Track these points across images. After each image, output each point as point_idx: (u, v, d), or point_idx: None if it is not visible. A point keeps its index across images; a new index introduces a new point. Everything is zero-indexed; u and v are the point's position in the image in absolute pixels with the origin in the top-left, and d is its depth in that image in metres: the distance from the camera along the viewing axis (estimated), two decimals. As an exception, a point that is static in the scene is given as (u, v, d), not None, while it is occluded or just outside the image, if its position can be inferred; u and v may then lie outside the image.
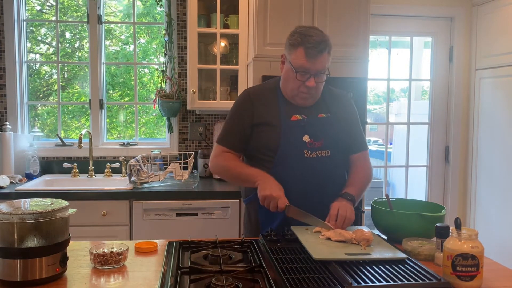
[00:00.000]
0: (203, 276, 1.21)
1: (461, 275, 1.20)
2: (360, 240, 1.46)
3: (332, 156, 1.73)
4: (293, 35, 1.71)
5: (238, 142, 1.79)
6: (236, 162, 1.78)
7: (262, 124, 1.75)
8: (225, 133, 1.82)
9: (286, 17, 2.61)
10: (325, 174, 1.72)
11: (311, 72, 1.67)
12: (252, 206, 1.82)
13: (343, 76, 2.69)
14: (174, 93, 3.16)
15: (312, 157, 1.70)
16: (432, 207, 1.73)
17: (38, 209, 1.21)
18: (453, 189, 3.51)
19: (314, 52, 1.64)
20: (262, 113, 1.75)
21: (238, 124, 1.79)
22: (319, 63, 1.66)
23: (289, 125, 1.72)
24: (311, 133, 1.72)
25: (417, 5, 3.38)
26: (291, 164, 1.70)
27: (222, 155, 1.80)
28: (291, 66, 1.69)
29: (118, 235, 2.59)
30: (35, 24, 3.42)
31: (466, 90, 3.46)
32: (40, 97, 3.49)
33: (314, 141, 1.72)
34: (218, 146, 1.83)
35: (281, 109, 1.75)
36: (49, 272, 1.22)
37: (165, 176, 2.85)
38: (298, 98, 1.74)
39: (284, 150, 1.70)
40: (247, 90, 1.86)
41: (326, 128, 1.75)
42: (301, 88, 1.70)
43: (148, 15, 3.48)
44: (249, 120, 1.76)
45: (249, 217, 1.87)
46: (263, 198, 1.60)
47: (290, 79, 1.72)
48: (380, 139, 7.02)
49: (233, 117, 1.82)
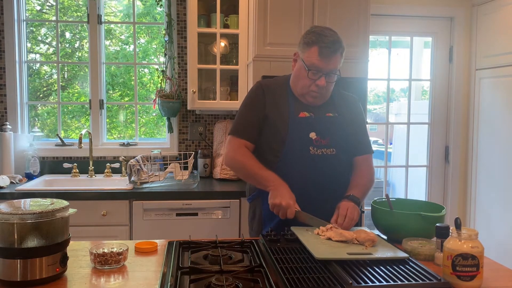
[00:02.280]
0: (203, 276, 1.21)
1: (461, 275, 1.20)
2: (365, 241, 1.46)
3: (337, 154, 1.75)
4: (308, 34, 1.72)
5: (255, 133, 1.78)
6: (253, 161, 1.74)
7: (271, 118, 1.76)
8: (240, 124, 1.81)
9: (286, 17, 2.61)
10: (329, 171, 1.73)
11: (323, 72, 1.68)
12: (257, 203, 1.83)
13: (343, 76, 2.67)
14: (174, 93, 3.16)
15: (318, 154, 1.72)
16: (432, 207, 1.73)
17: (38, 209, 1.21)
18: (453, 189, 3.51)
19: (328, 51, 1.66)
20: (273, 105, 1.77)
21: (254, 115, 1.78)
22: (332, 63, 1.68)
23: (296, 121, 1.73)
24: (318, 130, 1.74)
25: (417, 5, 3.38)
26: (296, 159, 1.71)
27: (240, 150, 1.77)
28: (303, 64, 1.70)
29: (118, 235, 2.59)
30: (35, 24, 3.42)
31: (466, 90, 3.46)
32: (40, 97, 3.49)
33: (321, 139, 1.74)
34: (234, 139, 1.80)
35: (290, 105, 1.77)
36: (49, 272, 1.22)
37: (165, 176, 2.85)
38: (308, 96, 1.75)
39: (290, 145, 1.71)
40: (259, 82, 1.87)
41: (333, 127, 1.77)
42: (312, 87, 1.72)
43: (148, 15, 3.48)
44: (263, 110, 1.77)
45: (254, 214, 1.87)
46: (272, 205, 1.61)
47: (301, 77, 1.73)
48: (380, 139, 7.01)
49: (248, 107, 1.81)
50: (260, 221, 1.82)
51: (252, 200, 1.88)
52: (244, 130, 1.79)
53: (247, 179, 1.86)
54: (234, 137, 1.80)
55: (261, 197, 1.79)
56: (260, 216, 1.82)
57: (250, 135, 1.78)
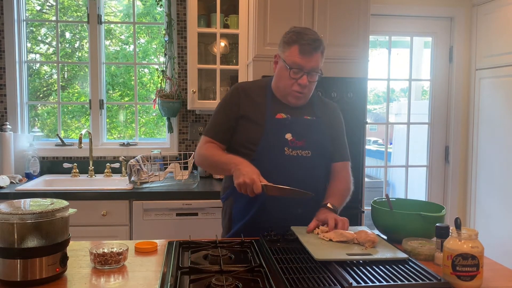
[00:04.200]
0: (203, 276, 1.21)
1: (461, 275, 1.20)
2: (365, 242, 1.46)
3: (312, 157, 1.74)
4: (288, 34, 1.73)
5: (223, 133, 1.80)
6: (215, 151, 1.76)
7: (247, 118, 1.76)
8: (210, 124, 1.84)
9: (286, 17, 2.61)
10: (304, 173, 1.72)
11: (305, 70, 1.68)
12: (228, 203, 1.83)
13: (343, 76, 2.69)
14: (174, 93, 3.16)
15: (293, 155, 1.71)
16: (432, 207, 1.72)
17: (38, 209, 1.21)
18: (453, 189, 3.51)
19: (309, 49, 1.66)
20: (249, 107, 1.77)
21: (224, 115, 1.80)
22: (313, 61, 1.68)
23: (273, 122, 1.73)
24: (294, 132, 1.73)
25: (417, 5, 3.38)
26: (270, 159, 1.70)
27: (205, 146, 1.80)
28: (284, 64, 1.70)
29: (118, 235, 2.59)
30: (35, 24, 3.42)
31: (466, 90, 3.46)
32: (40, 97, 3.49)
33: (296, 140, 1.73)
34: (203, 137, 1.84)
35: (268, 107, 1.76)
36: (49, 272, 1.22)
37: (165, 176, 2.85)
38: (290, 97, 1.75)
39: (265, 145, 1.70)
40: (237, 84, 1.88)
41: (309, 129, 1.76)
42: (294, 87, 1.71)
43: (148, 15, 3.48)
44: (235, 112, 1.77)
45: (225, 214, 1.87)
46: (238, 186, 1.56)
47: (283, 77, 1.73)
48: (380, 139, 7.02)
49: (220, 108, 1.84)
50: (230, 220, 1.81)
51: (225, 199, 1.86)
52: (214, 130, 1.81)
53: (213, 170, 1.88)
54: (204, 137, 1.84)
55: (232, 196, 1.79)
56: (230, 215, 1.81)
57: (219, 136, 1.80)
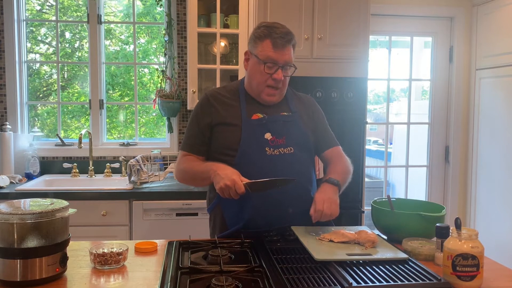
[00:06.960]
0: (203, 276, 1.21)
1: (461, 275, 1.20)
2: (365, 242, 1.45)
3: (295, 153, 1.71)
4: (258, 29, 1.70)
5: (199, 145, 1.75)
6: (193, 163, 1.72)
7: (222, 124, 1.72)
8: (185, 138, 1.80)
9: (286, 17, 2.61)
10: (288, 171, 1.66)
11: (279, 64, 1.66)
12: (216, 212, 1.77)
13: (343, 76, 2.69)
14: (174, 93, 3.16)
15: (275, 154, 1.68)
16: (432, 207, 1.72)
17: (38, 209, 1.21)
18: (453, 189, 3.51)
19: (281, 42, 1.65)
20: (222, 113, 1.72)
21: (197, 127, 1.75)
22: (287, 54, 1.67)
23: (250, 124, 1.69)
24: (273, 130, 1.70)
25: (417, 5, 3.38)
26: (252, 161, 1.66)
27: (182, 159, 1.76)
28: (257, 59, 1.68)
29: (118, 235, 2.59)
30: (35, 24, 3.42)
31: (466, 90, 3.46)
32: (40, 97, 3.49)
33: (277, 138, 1.70)
34: (180, 152, 1.80)
35: (242, 109, 1.73)
36: (49, 272, 1.22)
37: (165, 176, 2.85)
38: (265, 94, 1.71)
39: (245, 148, 1.66)
40: (207, 92, 1.83)
41: (288, 125, 1.73)
42: (269, 82, 1.68)
43: (148, 15, 3.48)
44: (208, 121, 1.73)
45: (214, 224, 1.81)
46: (220, 191, 1.54)
47: (257, 74, 1.69)
48: (380, 139, 7.02)
49: (192, 121, 1.79)
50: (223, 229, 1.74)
51: (211, 209, 1.81)
52: (189, 143, 1.77)
53: (194, 183, 1.81)
54: (181, 151, 1.80)
55: (221, 205, 1.73)
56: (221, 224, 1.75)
57: (195, 148, 1.75)
